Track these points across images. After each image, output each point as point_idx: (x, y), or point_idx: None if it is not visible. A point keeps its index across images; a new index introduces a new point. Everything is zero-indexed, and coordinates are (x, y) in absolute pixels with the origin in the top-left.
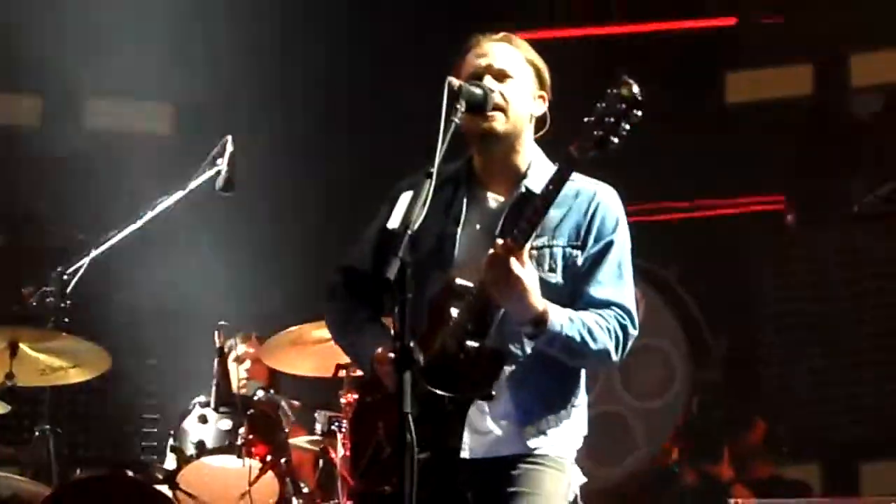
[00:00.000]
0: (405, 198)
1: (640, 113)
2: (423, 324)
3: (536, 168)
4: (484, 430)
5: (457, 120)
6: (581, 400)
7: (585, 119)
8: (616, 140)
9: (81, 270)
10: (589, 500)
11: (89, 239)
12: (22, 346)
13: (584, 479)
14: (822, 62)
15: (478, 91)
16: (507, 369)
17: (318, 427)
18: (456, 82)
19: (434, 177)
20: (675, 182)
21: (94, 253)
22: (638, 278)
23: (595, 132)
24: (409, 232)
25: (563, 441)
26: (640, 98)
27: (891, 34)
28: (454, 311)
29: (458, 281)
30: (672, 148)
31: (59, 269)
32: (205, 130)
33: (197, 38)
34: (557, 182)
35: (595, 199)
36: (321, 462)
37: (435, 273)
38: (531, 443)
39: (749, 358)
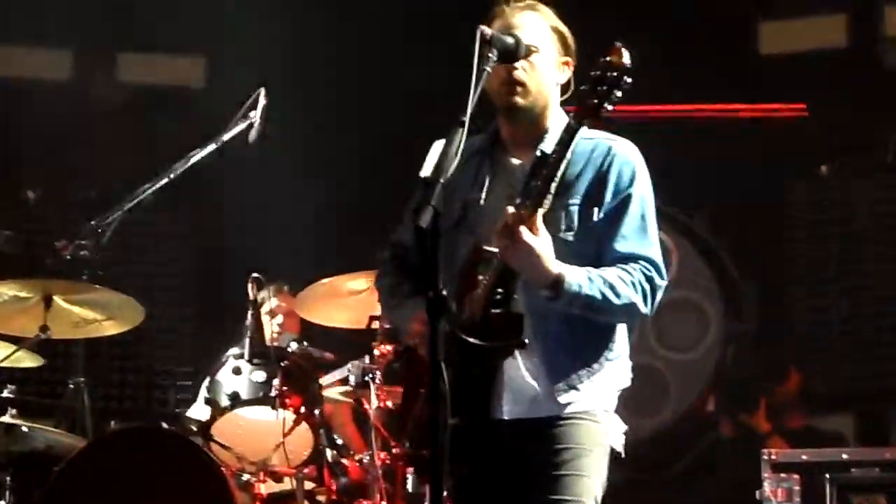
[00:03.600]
0: (437, 147)
1: (630, 80)
2: (453, 290)
3: (554, 131)
4: (520, 390)
5: (488, 69)
6: (619, 353)
7: (582, 87)
8: (610, 107)
9: (115, 223)
10: (625, 451)
11: (123, 192)
12: (56, 298)
13: (625, 427)
14: (856, 12)
15: (510, 39)
16: (535, 328)
17: (352, 379)
18: (488, 31)
19: (466, 125)
20: (708, 136)
21: (127, 206)
22: (668, 227)
23: (589, 101)
24: (442, 180)
25: (596, 395)
26: (630, 66)
27: None
28: (481, 278)
29: (486, 247)
30: (707, 98)
31: (92, 223)
32: (237, 83)
33: None
34: (560, 150)
35: (610, 153)
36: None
37: (462, 239)
38: (563, 398)
39: (781, 308)
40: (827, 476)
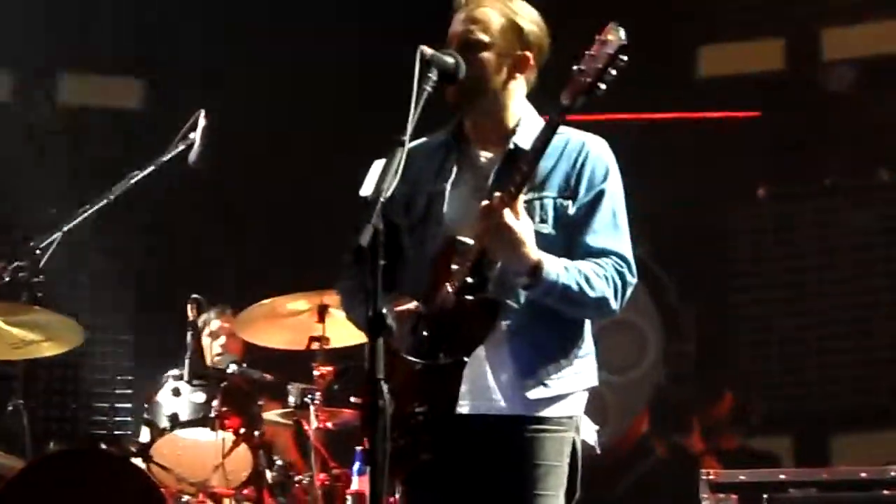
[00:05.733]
0: (377, 166)
1: (625, 58)
2: (427, 282)
3: (526, 124)
4: (485, 384)
5: (429, 88)
6: (586, 350)
7: (574, 67)
8: (603, 86)
9: (54, 245)
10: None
11: (62, 213)
12: None
13: (596, 427)
14: (794, 36)
15: (450, 60)
16: (504, 322)
17: (291, 400)
18: (428, 51)
19: (406, 145)
20: (648, 156)
21: (66, 227)
22: None
23: (583, 79)
24: (382, 199)
25: (564, 395)
26: (625, 43)
27: (863, 8)
28: (455, 267)
29: (459, 237)
30: (644, 122)
31: (31, 244)
32: (176, 105)
33: (169, 12)
34: (548, 132)
35: (584, 148)
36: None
37: (430, 231)
38: (531, 394)
39: (721, 330)
40: (765, 496)
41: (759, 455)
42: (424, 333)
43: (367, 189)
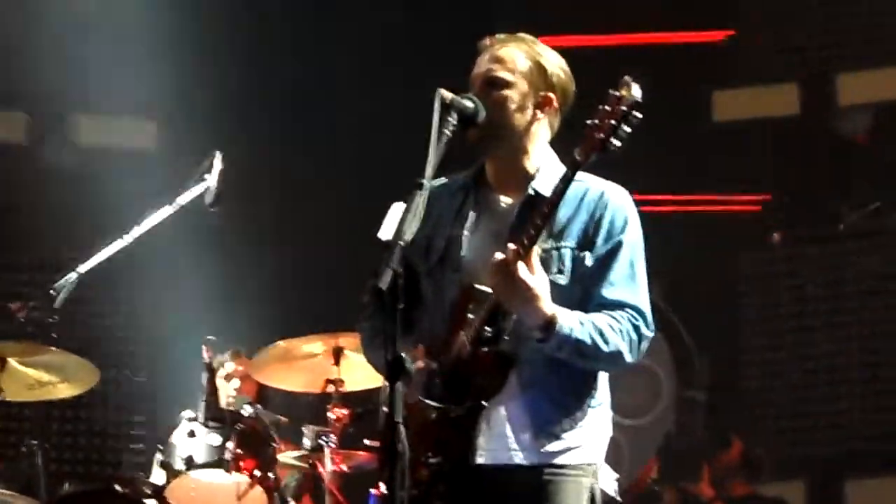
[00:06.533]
0: (397, 209)
1: (640, 115)
2: (444, 328)
3: (546, 170)
4: (502, 434)
5: (448, 133)
6: (601, 400)
7: (588, 122)
8: (617, 143)
9: (69, 286)
10: None
11: (77, 255)
12: (10, 360)
13: (615, 475)
14: (808, 80)
15: (469, 104)
16: (520, 373)
17: (306, 442)
18: (448, 95)
19: (426, 188)
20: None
21: (81, 269)
22: None
23: (597, 135)
24: (402, 243)
25: (581, 445)
26: (640, 100)
27: (877, 53)
28: (472, 316)
29: (476, 285)
30: (659, 166)
31: (46, 285)
32: (190, 145)
33: (180, 53)
34: (562, 186)
35: (603, 198)
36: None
37: (448, 276)
38: (546, 448)
39: (732, 376)
40: None
41: (769, 502)
42: (439, 381)
43: (385, 232)
